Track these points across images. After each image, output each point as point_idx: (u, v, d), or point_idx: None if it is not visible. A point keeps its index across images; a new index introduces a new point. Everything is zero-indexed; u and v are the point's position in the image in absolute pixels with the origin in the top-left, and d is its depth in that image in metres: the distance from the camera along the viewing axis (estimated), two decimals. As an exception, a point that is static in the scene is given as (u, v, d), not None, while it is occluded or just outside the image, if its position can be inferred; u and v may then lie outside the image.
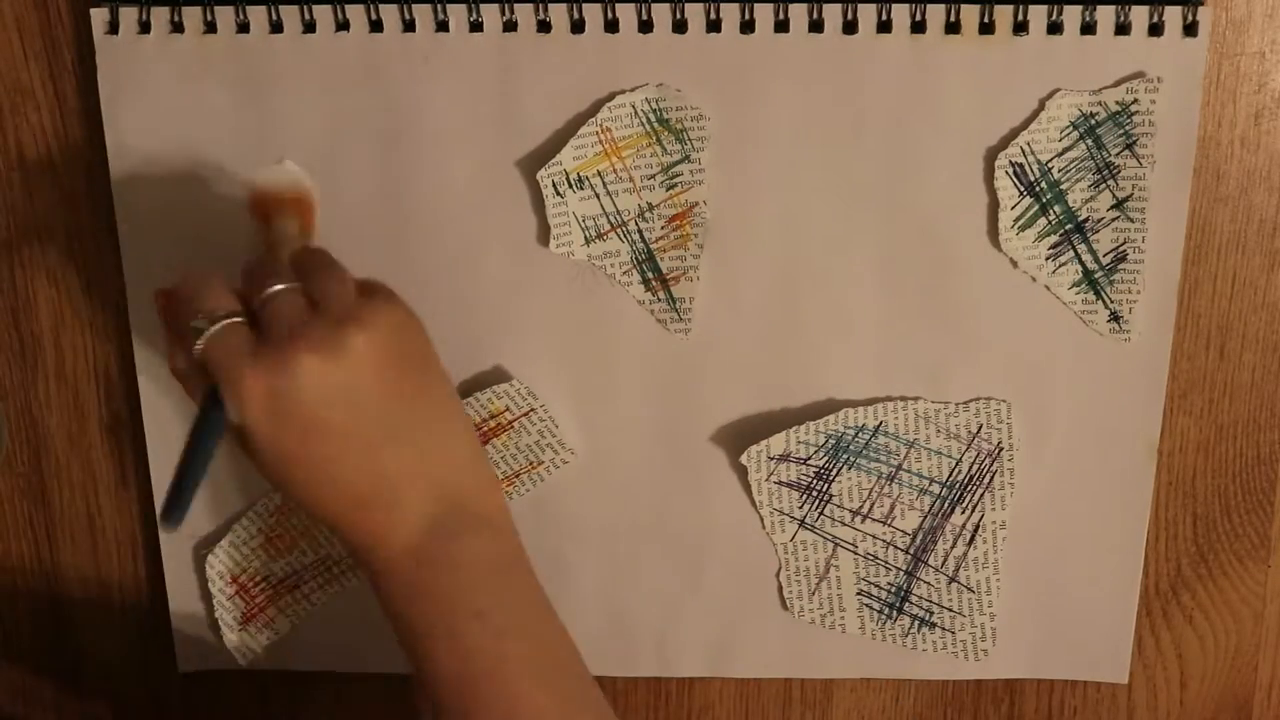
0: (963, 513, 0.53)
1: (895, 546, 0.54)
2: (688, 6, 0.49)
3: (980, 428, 0.53)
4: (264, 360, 0.40)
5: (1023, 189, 0.50)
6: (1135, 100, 0.49)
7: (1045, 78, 0.49)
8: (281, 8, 0.49)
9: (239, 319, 0.41)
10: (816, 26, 0.49)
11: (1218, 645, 0.57)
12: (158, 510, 0.45)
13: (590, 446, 0.53)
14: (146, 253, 0.52)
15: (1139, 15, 0.48)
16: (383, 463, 0.41)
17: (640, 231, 0.51)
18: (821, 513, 0.54)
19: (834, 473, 0.53)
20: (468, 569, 0.42)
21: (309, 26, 0.49)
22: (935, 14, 0.49)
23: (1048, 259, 0.51)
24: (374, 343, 0.41)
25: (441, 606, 0.42)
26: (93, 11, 0.49)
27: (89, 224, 0.53)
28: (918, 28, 0.49)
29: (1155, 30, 0.48)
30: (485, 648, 0.42)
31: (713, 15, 0.49)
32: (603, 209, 0.51)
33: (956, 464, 0.53)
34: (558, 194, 0.50)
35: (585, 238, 0.51)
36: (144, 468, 0.54)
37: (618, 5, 0.49)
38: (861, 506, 0.53)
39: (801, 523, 0.54)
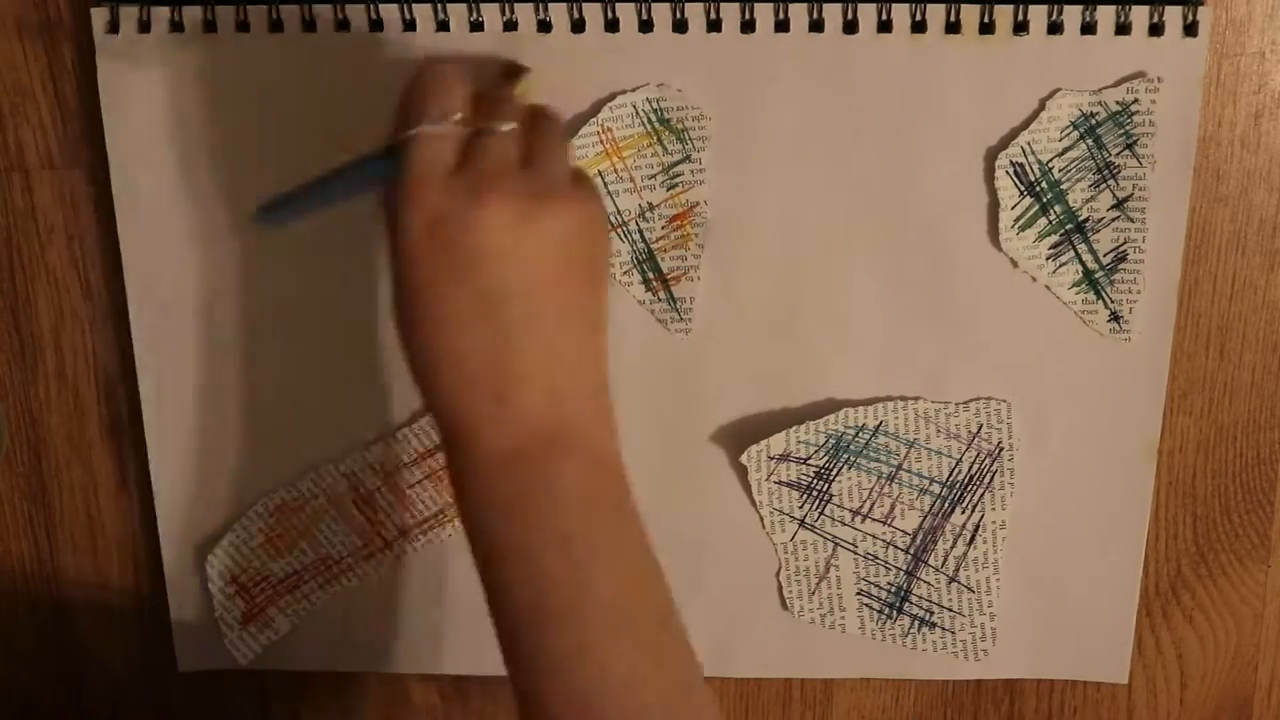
0: (963, 513, 0.53)
1: (895, 546, 0.54)
2: (688, 6, 0.49)
3: (980, 428, 0.53)
4: (456, 184, 0.38)
5: (1023, 189, 0.50)
6: (1135, 100, 0.49)
7: (1045, 78, 0.49)
8: (281, 7, 0.49)
9: (458, 136, 0.39)
10: (817, 26, 0.49)
11: (1218, 645, 0.57)
12: (257, 207, 0.42)
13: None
14: (146, 253, 0.52)
15: (1139, 15, 0.48)
16: (508, 348, 0.39)
17: (641, 231, 0.51)
18: (821, 513, 0.54)
19: (834, 472, 0.53)
20: (559, 492, 0.40)
21: (309, 25, 0.49)
22: (935, 14, 0.49)
23: (1048, 259, 0.51)
24: (564, 230, 0.39)
25: (525, 526, 0.39)
26: (93, 11, 0.49)
27: (89, 224, 0.53)
28: (918, 28, 0.49)
29: (1155, 30, 0.48)
30: (562, 579, 0.39)
31: (713, 15, 0.49)
32: (603, 209, 0.51)
33: (956, 464, 0.53)
34: (558, 194, 0.50)
35: (585, 238, 0.51)
36: (144, 469, 0.54)
37: (618, 5, 0.49)
38: (861, 506, 0.53)
39: (801, 522, 0.54)
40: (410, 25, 0.49)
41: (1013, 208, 0.50)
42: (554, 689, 0.39)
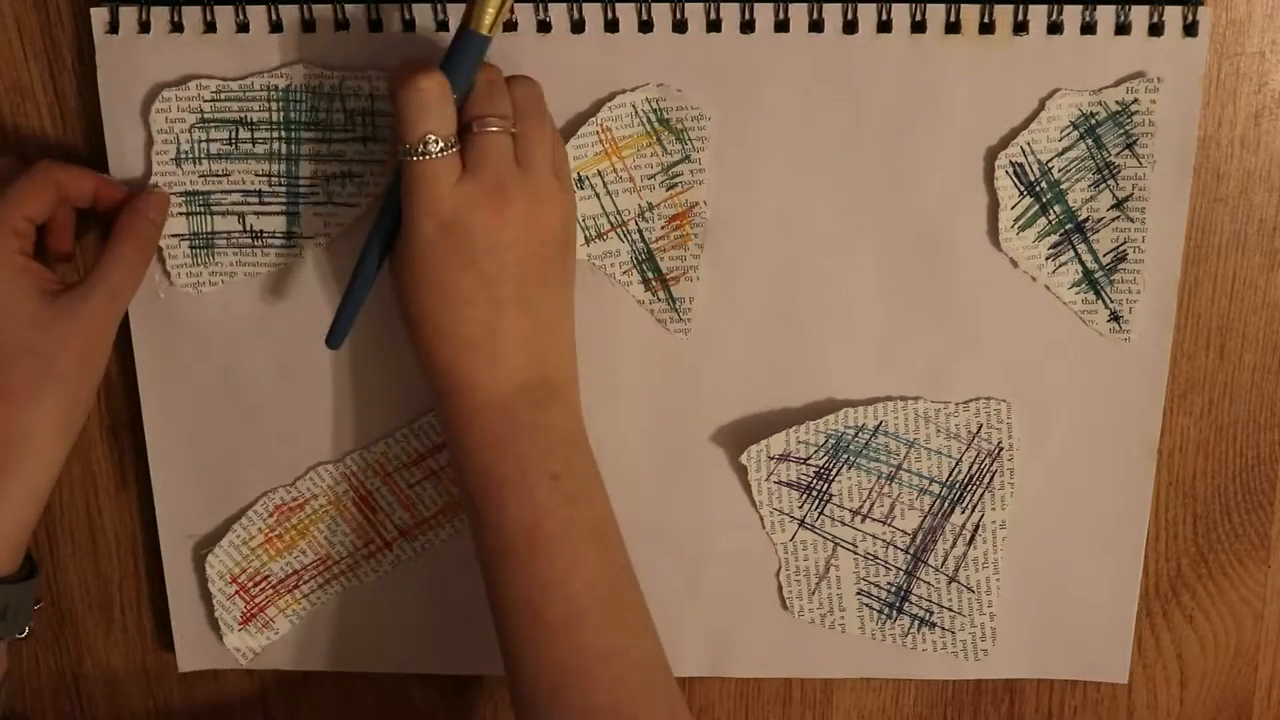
0: (963, 513, 0.53)
1: (895, 546, 0.54)
2: (688, 6, 0.49)
3: (980, 428, 0.53)
4: (464, 190, 0.44)
5: (1023, 189, 0.50)
6: (1135, 100, 0.49)
7: (1045, 77, 0.49)
8: (281, 7, 0.49)
9: (456, 148, 0.45)
10: (816, 26, 0.49)
11: (1218, 645, 0.57)
12: (326, 334, 0.48)
13: (590, 445, 0.53)
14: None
15: (1139, 15, 0.48)
16: (504, 322, 0.45)
17: (640, 231, 0.51)
18: (821, 512, 0.54)
19: (834, 472, 0.53)
20: (547, 433, 0.46)
21: (309, 26, 0.49)
22: (935, 14, 0.49)
23: (1048, 259, 0.51)
24: (549, 225, 0.46)
25: (522, 461, 0.46)
26: (93, 11, 0.49)
27: (89, 224, 0.53)
28: (918, 28, 0.49)
29: (1155, 30, 0.48)
30: (556, 507, 0.46)
31: (713, 15, 0.49)
32: (603, 209, 0.51)
33: (956, 464, 0.53)
34: (558, 194, 0.50)
35: (585, 237, 0.51)
36: (144, 469, 0.54)
37: (618, 5, 0.49)
38: (861, 506, 0.53)
39: (801, 522, 0.54)
40: (410, 25, 0.49)
41: (1012, 208, 0.50)
42: (549, 597, 0.45)
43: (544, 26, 0.49)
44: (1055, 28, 0.49)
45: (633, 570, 0.48)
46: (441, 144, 0.44)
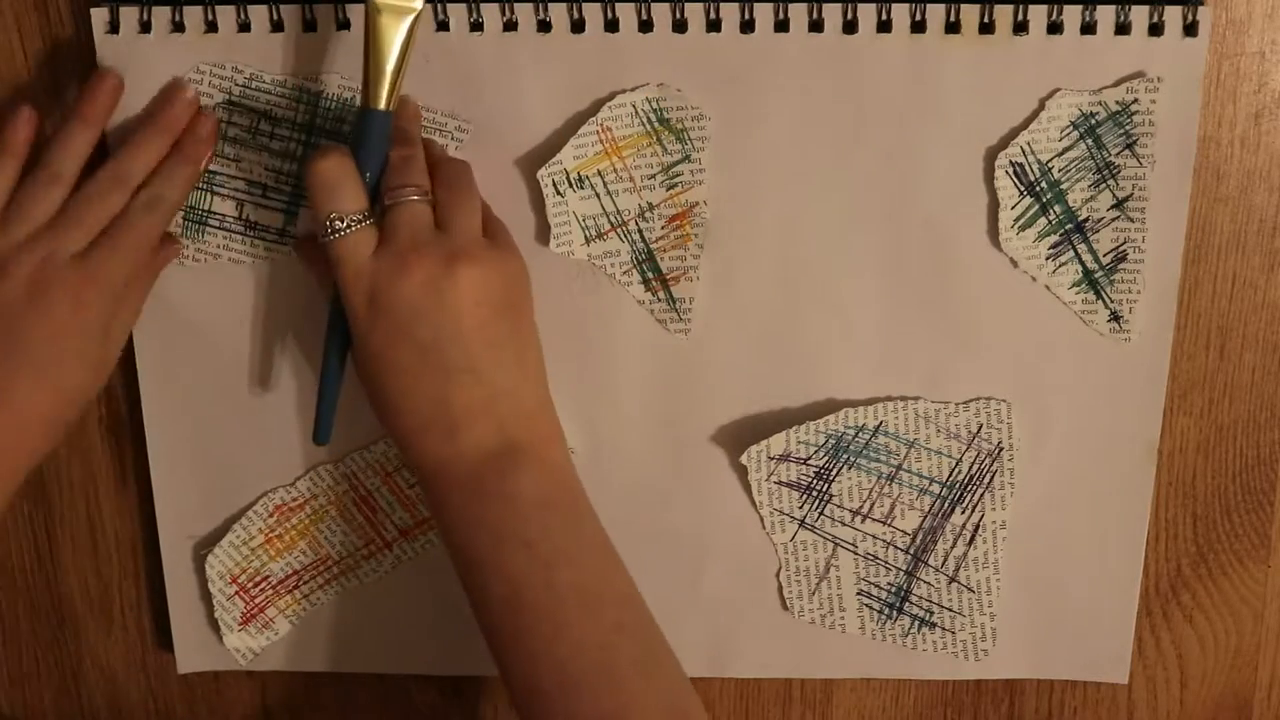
0: (963, 513, 0.53)
1: (895, 546, 0.54)
2: (688, 6, 0.49)
3: (980, 428, 0.53)
4: (380, 261, 0.45)
5: (1023, 189, 0.50)
6: (1135, 100, 0.49)
7: (1045, 77, 0.49)
8: (282, 7, 0.49)
9: (368, 222, 0.45)
10: (816, 26, 0.49)
11: (1218, 645, 0.57)
12: (312, 433, 0.49)
13: (590, 446, 0.53)
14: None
15: (1139, 15, 0.48)
16: (451, 390, 0.45)
17: (640, 231, 0.51)
18: (821, 513, 0.54)
19: (834, 473, 0.53)
20: (517, 501, 0.45)
21: (309, 26, 0.49)
22: (935, 14, 0.49)
23: (1048, 259, 0.51)
24: (480, 283, 0.45)
25: (496, 534, 0.45)
26: (93, 11, 0.49)
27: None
28: (918, 28, 0.49)
29: (1155, 30, 0.48)
30: (534, 575, 0.45)
31: (713, 15, 0.49)
32: (603, 208, 0.51)
33: (956, 464, 0.53)
34: (558, 193, 0.50)
35: (585, 237, 0.51)
36: (144, 468, 0.54)
37: (618, 5, 0.49)
38: (861, 506, 0.53)
39: (801, 523, 0.54)
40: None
41: (1013, 208, 0.50)
42: (538, 668, 0.44)
43: (544, 26, 0.49)
44: (1055, 28, 0.49)
45: (635, 624, 0.46)
46: (348, 221, 0.45)
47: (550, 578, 0.45)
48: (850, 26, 0.49)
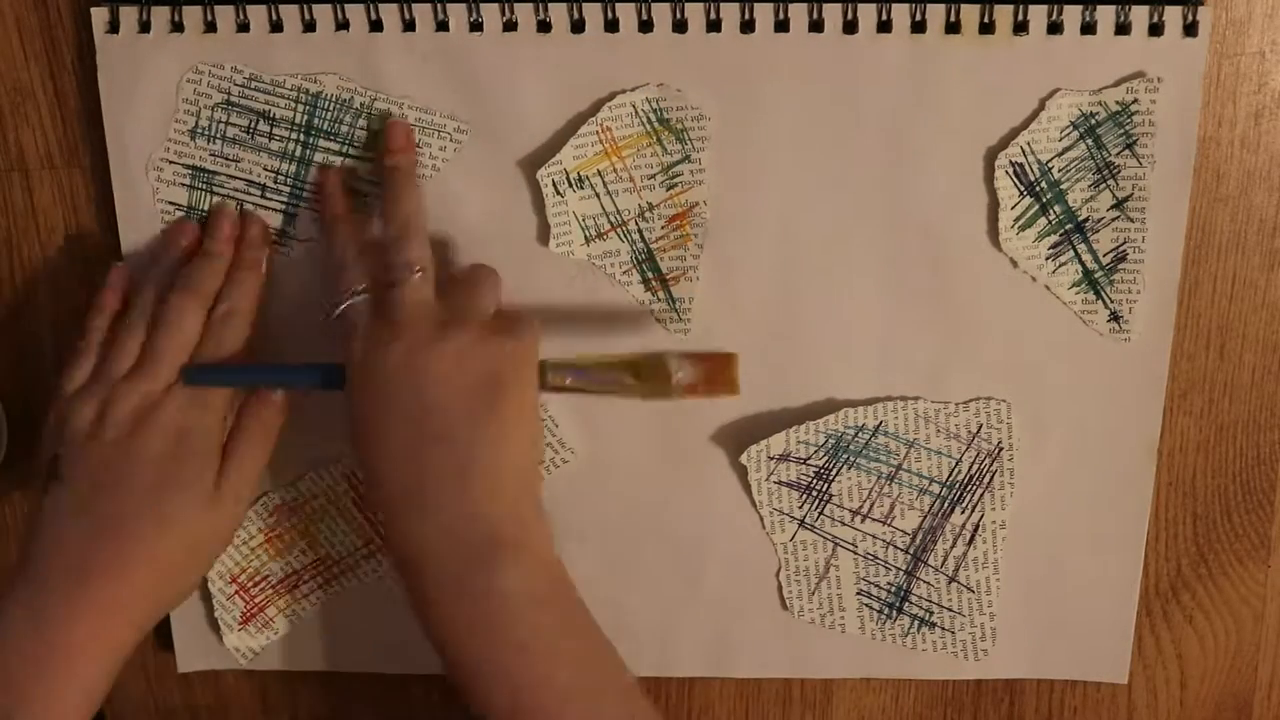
0: (963, 513, 0.53)
1: (895, 546, 0.54)
2: (688, 6, 0.49)
3: (980, 428, 0.53)
4: (372, 332, 0.45)
5: (1023, 189, 0.50)
6: (1135, 100, 0.49)
7: (1045, 78, 0.49)
8: (281, 7, 0.49)
9: (365, 295, 0.47)
10: (816, 26, 0.49)
11: (1218, 645, 0.57)
12: None
13: (590, 446, 0.53)
14: (146, 253, 0.52)
15: (1139, 15, 0.48)
16: (423, 462, 0.44)
17: (640, 231, 0.51)
18: (821, 513, 0.54)
19: (834, 472, 0.53)
20: (505, 599, 0.43)
21: (309, 26, 0.49)
22: (935, 14, 0.49)
23: (1048, 259, 0.51)
24: (465, 352, 0.44)
25: (487, 640, 0.43)
26: (93, 11, 0.49)
27: (89, 224, 0.53)
28: (918, 28, 0.49)
29: (1155, 30, 0.48)
30: (532, 679, 0.43)
31: (713, 15, 0.49)
32: (603, 208, 0.51)
33: (956, 464, 0.53)
34: (558, 193, 0.50)
35: (585, 237, 0.51)
36: (144, 468, 0.54)
37: (618, 5, 0.49)
38: (861, 506, 0.53)
39: (801, 523, 0.54)
40: (410, 25, 0.49)
41: (1012, 208, 0.50)
42: None
43: (544, 26, 0.49)
44: (1055, 28, 0.49)
45: (643, 715, 0.45)
46: (348, 297, 0.47)
47: (549, 678, 0.43)
48: (850, 27, 0.49)
